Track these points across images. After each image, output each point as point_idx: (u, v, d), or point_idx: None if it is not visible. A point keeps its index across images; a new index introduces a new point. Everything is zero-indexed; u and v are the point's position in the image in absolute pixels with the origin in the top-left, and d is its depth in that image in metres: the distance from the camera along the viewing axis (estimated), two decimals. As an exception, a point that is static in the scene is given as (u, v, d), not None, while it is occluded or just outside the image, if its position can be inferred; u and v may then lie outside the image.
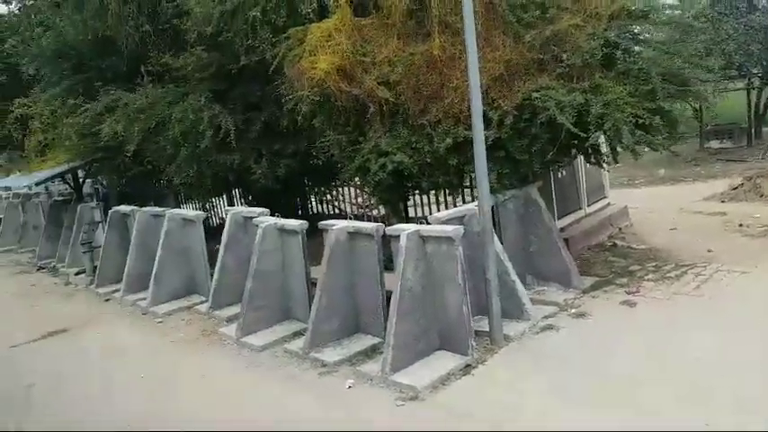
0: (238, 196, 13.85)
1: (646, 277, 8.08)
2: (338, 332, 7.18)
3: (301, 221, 7.87)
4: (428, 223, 7.01)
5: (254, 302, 7.84)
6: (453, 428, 5.13)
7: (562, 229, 9.71)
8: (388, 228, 6.88)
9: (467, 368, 6.11)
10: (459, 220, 7.07)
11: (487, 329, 6.66)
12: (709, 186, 14.70)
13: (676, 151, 17.39)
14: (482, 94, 7.38)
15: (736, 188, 13.87)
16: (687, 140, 22.55)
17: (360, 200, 11.67)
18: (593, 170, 10.92)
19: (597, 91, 6.98)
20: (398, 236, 6.40)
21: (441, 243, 6.33)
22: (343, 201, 12.95)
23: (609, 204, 11.34)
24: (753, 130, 21.50)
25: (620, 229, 10.73)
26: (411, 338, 6.26)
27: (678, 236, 10.16)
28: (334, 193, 13.19)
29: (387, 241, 7.04)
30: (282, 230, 8.00)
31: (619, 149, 7.48)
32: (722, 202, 13.02)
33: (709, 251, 8.98)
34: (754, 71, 20.74)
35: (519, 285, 7.11)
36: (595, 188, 11.05)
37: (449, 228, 6.28)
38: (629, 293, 7.56)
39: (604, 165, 8.81)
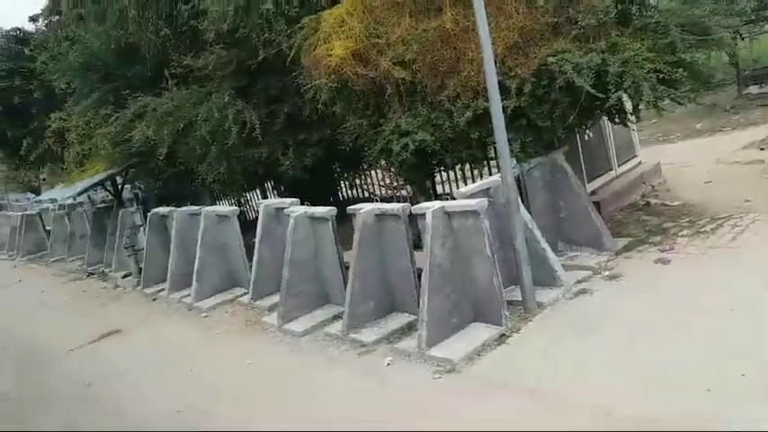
0: (271, 189, 14.13)
1: (680, 234, 7.97)
2: (374, 312, 7.34)
3: (330, 208, 8.01)
4: (454, 199, 7.08)
5: (292, 290, 8.06)
6: (489, 397, 5.22)
7: (593, 192, 9.64)
8: (414, 207, 6.97)
9: (501, 338, 6.19)
10: (485, 192, 7.10)
11: (521, 299, 6.72)
12: (749, 134, 14.20)
13: (714, 101, 16.87)
14: (498, 63, 7.42)
15: (776, 133, 13.44)
16: (726, 89, 21.98)
17: (388, 181, 11.75)
18: (621, 130, 10.72)
19: (614, 50, 6.87)
20: (424, 214, 6.48)
21: (466, 217, 6.39)
22: (373, 184, 13.09)
23: (640, 163, 11.14)
24: (792, 73, 20.68)
25: (652, 186, 10.54)
26: (444, 313, 6.37)
27: (714, 189, 9.92)
28: (364, 177, 13.34)
29: (414, 220, 7.13)
30: (313, 218, 8.17)
31: (641, 107, 7.34)
32: (761, 149, 12.61)
33: (747, 201, 8.76)
34: (791, 11, 19.89)
35: (549, 252, 7.12)
36: (625, 148, 10.86)
37: (473, 201, 6.33)
38: (662, 251, 7.48)
39: (629, 124, 8.64)
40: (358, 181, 13.16)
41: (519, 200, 6.97)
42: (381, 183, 12.38)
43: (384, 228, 7.31)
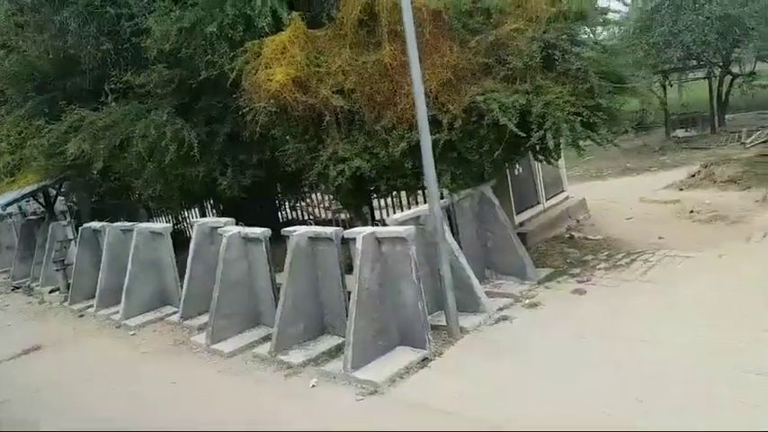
0: (210, 208, 14.05)
1: (598, 266, 8.48)
2: (304, 334, 7.45)
3: (264, 229, 8.11)
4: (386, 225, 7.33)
5: (222, 310, 8.07)
6: (414, 418, 5.41)
7: (521, 224, 10.12)
8: (346, 231, 7.16)
9: (424, 361, 6.41)
10: (416, 220, 7.40)
11: (446, 323, 6.99)
12: (672, 175, 15.15)
13: (645, 142, 17.77)
14: (432, 98, 7.82)
15: (693, 176, 14.40)
16: (656, 131, 23.36)
17: (329, 205, 11.93)
18: (550, 166, 11.32)
19: (538, 92, 7.35)
20: (355, 238, 6.69)
21: (395, 243, 6.63)
22: (315, 207, 13.21)
23: (567, 198, 11.75)
24: (716, 119, 22.18)
25: (577, 221, 11.14)
26: (370, 336, 6.55)
27: (633, 225, 10.59)
28: (305, 199, 13.45)
29: (347, 244, 7.31)
30: (247, 239, 8.25)
31: (563, 146, 7.84)
32: (680, 189, 13.49)
33: (660, 238, 9.41)
34: (714, 60, 21.42)
35: (474, 280, 7.44)
36: (553, 183, 11.44)
37: (401, 229, 6.59)
38: (580, 282, 7.94)
39: (554, 161, 9.17)
40: (300, 203, 13.26)
41: (446, 229, 7.30)
42: (323, 206, 12.53)
43: (317, 250, 7.47)
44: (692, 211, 10.68)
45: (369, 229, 6.84)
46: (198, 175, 10.20)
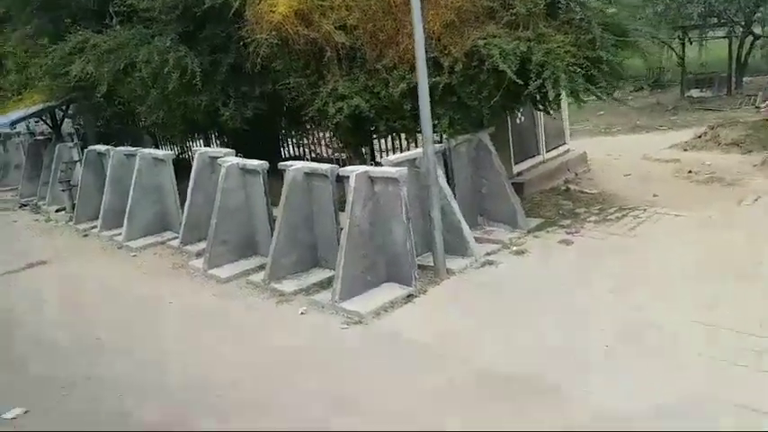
0: (214, 139, 14.14)
1: (588, 219, 8.63)
2: (297, 265, 7.71)
3: (261, 162, 8.25)
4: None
5: (219, 237, 8.33)
6: (392, 348, 5.71)
7: (519, 174, 10.21)
8: (341, 169, 7.31)
9: (409, 297, 6.69)
10: (411, 162, 7.51)
11: (433, 264, 7.23)
12: (680, 135, 14.99)
13: (659, 100, 17.60)
14: (434, 40, 7.80)
15: (699, 137, 14.30)
16: (672, 89, 23.01)
17: (331, 143, 12.01)
18: (552, 118, 11.31)
19: (540, 39, 7.31)
20: (349, 176, 6.84)
21: (387, 183, 6.79)
22: (319, 144, 13.28)
23: (568, 151, 11.76)
24: (733, 80, 21.75)
25: (576, 174, 11.19)
26: (359, 270, 6.80)
27: (630, 182, 10.64)
28: (309, 136, 13.50)
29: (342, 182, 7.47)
30: (245, 170, 8.41)
31: (562, 96, 7.84)
32: (684, 150, 13.42)
33: (654, 196, 9.50)
34: (735, 19, 20.85)
35: (464, 224, 7.62)
36: (555, 135, 11.44)
37: (393, 169, 6.73)
38: (568, 233, 8.12)
39: (552, 112, 9.18)
40: (305, 140, 13.33)
41: (439, 173, 7.45)
42: (324, 143, 12.60)
43: (312, 186, 7.64)
44: (690, 172, 10.71)
45: (362, 168, 6.98)
46: (200, 104, 10.22)
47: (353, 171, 6.85)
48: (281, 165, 7.95)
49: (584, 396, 4.53)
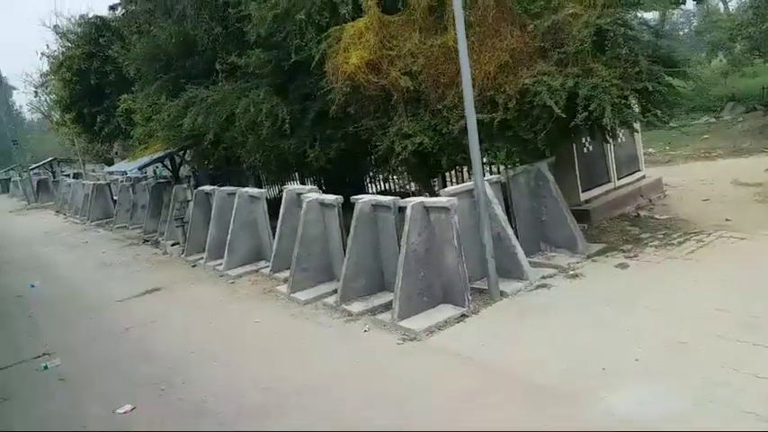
0: (307, 178, 15.49)
1: (650, 243, 8.76)
2: (365, 289, 8.51)
3: (337, 196, 9.20)
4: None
5: (301, 265, 9.34)
6: (439, 360, 6.32)
7: (587, 201, 10.48)
8: (402, 200, 8.07)
9: (462, 317, 7.25)
10: (469, 192, 8.13)
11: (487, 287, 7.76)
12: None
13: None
14: (490, 80, 8.48)
15: (801, 160, 13.68)
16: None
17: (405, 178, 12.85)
18: (625, 145, 11.50)
19: (587, 75, 7.75)
20: (406, 207, 7.60)
21: (440, 212, 7.46)
22: (403, 179, 14.16)
23: (643, 177, 11.80)
24: None
25: (650, 200, 11.23)
26: (416, 292, 7.47)
27: (706, 206, 10.55)
28: (393, 172, 14.43)
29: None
30: (323, 204, 9.41)
31: (613, 126, 8.15)
32: None
33: (726, 220, 9.42)
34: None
35: (519, 249, 8.09)
36: (628, 162, 11.57)
37: (445, 199, 7.40)
38: (627, 258, 8.32)
39: (609, 139, 9.43)
40: (382, 175, 14.31)
41: (494, 201, 8.02)
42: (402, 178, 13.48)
43: (378, 216, 8.46)
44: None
45: (418, 199, 7.71)
46: (290, 147, 11.48)
47: (410, 201, 7.60)
48: (352, 198, 8.85)
49: (597, 401, 4.91)
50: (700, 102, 29.01)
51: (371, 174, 15.01)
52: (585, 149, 10.58)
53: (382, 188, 15.13)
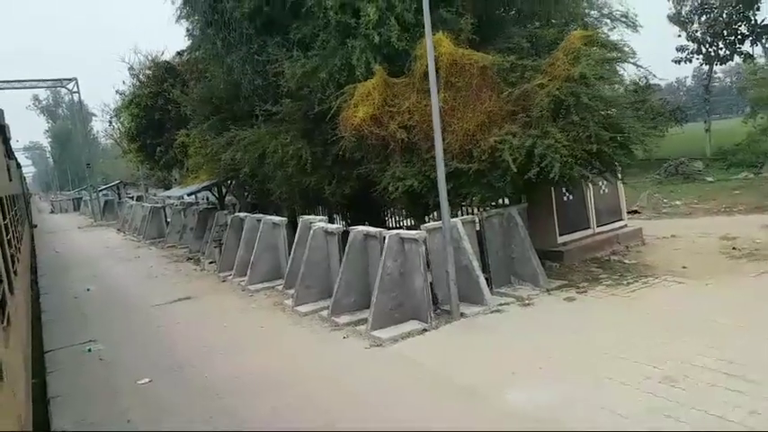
0: (329, 210, 17.28)
1: (604, 282, 10.03)
2: (354, 305, 10.07)
3: (338, 225, 10.92)
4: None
5: (305, 282, 11.01)
6: (396, 364, 7.80)
7: (564, 244, 11.79)
8: (384, 231, 9.67)
9: (423, 331, 8.71)
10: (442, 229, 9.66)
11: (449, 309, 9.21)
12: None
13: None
14: (470, 136, 10.08)
15: (790, 218, 14.51)
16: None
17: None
18: (608, 196, 12.79)
19: (545, 136, 9.24)
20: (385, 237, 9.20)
21: (412, 243, 9.02)
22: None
23: (624, 226, 13.01)
24: None
25: (627, 247, 12.41)
26: (388, 309, 9.00)
27: (674, 255, 11.66)
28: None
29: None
30: (327, 232, 11.11)
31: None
32: None
33: (683, 267, 10.56)
34: None
35: (482, 279, 9.52)
36: (609, 211, 12.83)
37: (415, 233, 8.97)
38: (578, 293, 9.61)
39: (570, 190, 10.80)
40: (391, 209, 15.97)
41: (463, 237, 9.52)
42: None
43: (368, 245, 10.07)
44: (734, 248, 11.47)
45: (396, 231, 9.30)
46: (311, 182, 13.31)
47: (389, 233, 9.20)
48: (349, 229, 10.51)
49: (501, 397, 6.29)
50: (742, 157, 29.81)
51: (392, 209, 16.68)
52: (566, 198, 11.95)
53: (400, 223, 16.75)
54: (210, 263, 16.86)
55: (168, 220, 25.93)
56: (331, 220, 15.71)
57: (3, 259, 5.34)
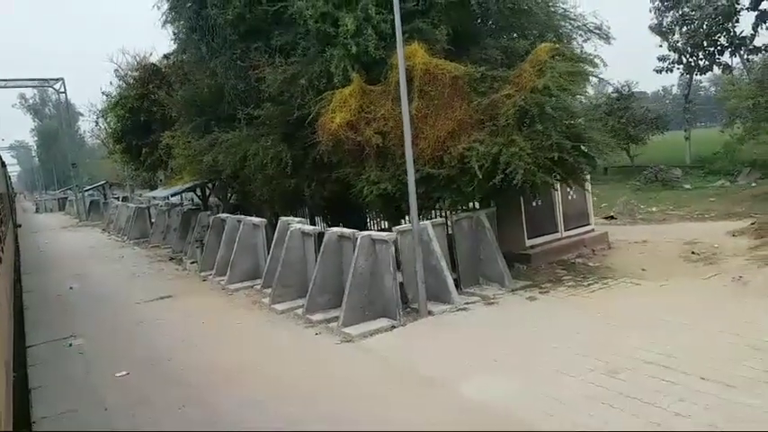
0: (318, 212, 17.68)
1: (567, 284, 10.53)
2: (328, 303, 10.46)
3: (314, 227, 11.32)
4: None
5: (282, 282, 11.40)
6: (363, 358, 8.22)
7: (531, 247, 12.29)
8: (358, 232, 10.09)
9: (392, 327, 9.15)
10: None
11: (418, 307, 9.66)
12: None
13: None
14: (441, 143, 10.54)
15: (752, 224, 15.13)
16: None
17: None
18: (576, 202, 13.32)
19: (510, 144, 9.72)
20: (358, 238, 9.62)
21: (382, 244, 9.45)
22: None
23: (592, 231, 13.54)
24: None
25: (593, 250, 12.93)
26: (359, 306, 9.42)
27: (637, 259, 12.21)
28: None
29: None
30: (304, 233, 11.51)
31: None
32: (733, 236, 14.42)
33: (642, 270, 11.09)
34: None
35: (449, 279, 9.98)
36: (577, 217, 13.36)
37: (385, 234, 9.41)
38: (540, 293, 10.09)
39: (537, 195, 11.31)
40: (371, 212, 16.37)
41: (432, 239, 9.96)
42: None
43: (342, 245, 10.49)
44: (693, 253, 12.03)
45: (367, 233, 9.73)
46: (291, 185, 13.71)
47: (361, 234, 9.63)
48: (325, 230, 10.92)
49: (456, 387, 6.73)
50: (721, 165, 30.59)
51: (373, 212, 17.09)
52: (535, 203, 12.45)
53: (380, 225, 17.16)
54: (192, 263, 17.18)
55: (153, 220, 26.19)
56: (313, 222, 16.16)
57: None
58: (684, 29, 37.77)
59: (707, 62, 38.03)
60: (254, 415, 6.64)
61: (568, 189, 12.89)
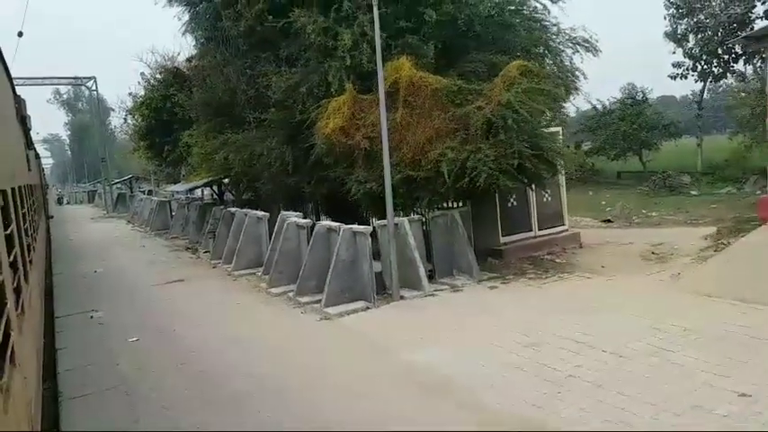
0: (320, 207, 19.11)
1: (528, 276, 11.77)
2: (315, 288, 11.83)
3: (308, 220, 12.73)
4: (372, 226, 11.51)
5: (278, 268, 12.83)
6: (336, 331, 9.59)
7: (505, 243, 13.53)
8: (343, 226, 11.46)
9: (366, 308, 10.50)
10: (394, 226, 11.45)
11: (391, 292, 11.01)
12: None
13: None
14: (419, 148, 11.85)
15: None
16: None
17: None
18: (551, 204, 14.51)
19: (477, 151, 10.99)
20: (342, 230, 10.99)
21: (361, 236, 10.80)
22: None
23: (565, 231, 14.72)
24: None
25: (564, 249, 14.11)
26: (339, 290, 10.78)
27: (603, 257, 13.36)
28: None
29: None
30: (299, 226, 12.93)
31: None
32: (704, 239, 15.43)
33: (602, 267, 12.26)
34: None
35: (422, 269, 11.29)
36: (551, 217, 14.55)
37: (363, 228, 10.76)
38: (502, 283, 11.35)
39: (510, 197, 12.56)
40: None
41: (409, 234, 11.29)
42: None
43: (331, 236, 11.86)
44: (653, 253, 13.14)
45: (349, 226, 11.09)
46: (292, 183, 15.15)
47: (344, 227, 11.00)
48: (317, 224, 12.31)
49: (407, 353, 8.05)
50: (730, 173, 31.29)
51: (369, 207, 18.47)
52: (510, 204, 13.69)
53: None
54: (205, 252, 18.74)
55: (173, 213, 27.91)
56: (317, 218, 17.55)
57: (20, 249, 5.66)
58: (699, 36, 38.29)
59: (721, 70, 38.50)
60: (239, 367, 8.07)
61: (543, 192, 14.08)
